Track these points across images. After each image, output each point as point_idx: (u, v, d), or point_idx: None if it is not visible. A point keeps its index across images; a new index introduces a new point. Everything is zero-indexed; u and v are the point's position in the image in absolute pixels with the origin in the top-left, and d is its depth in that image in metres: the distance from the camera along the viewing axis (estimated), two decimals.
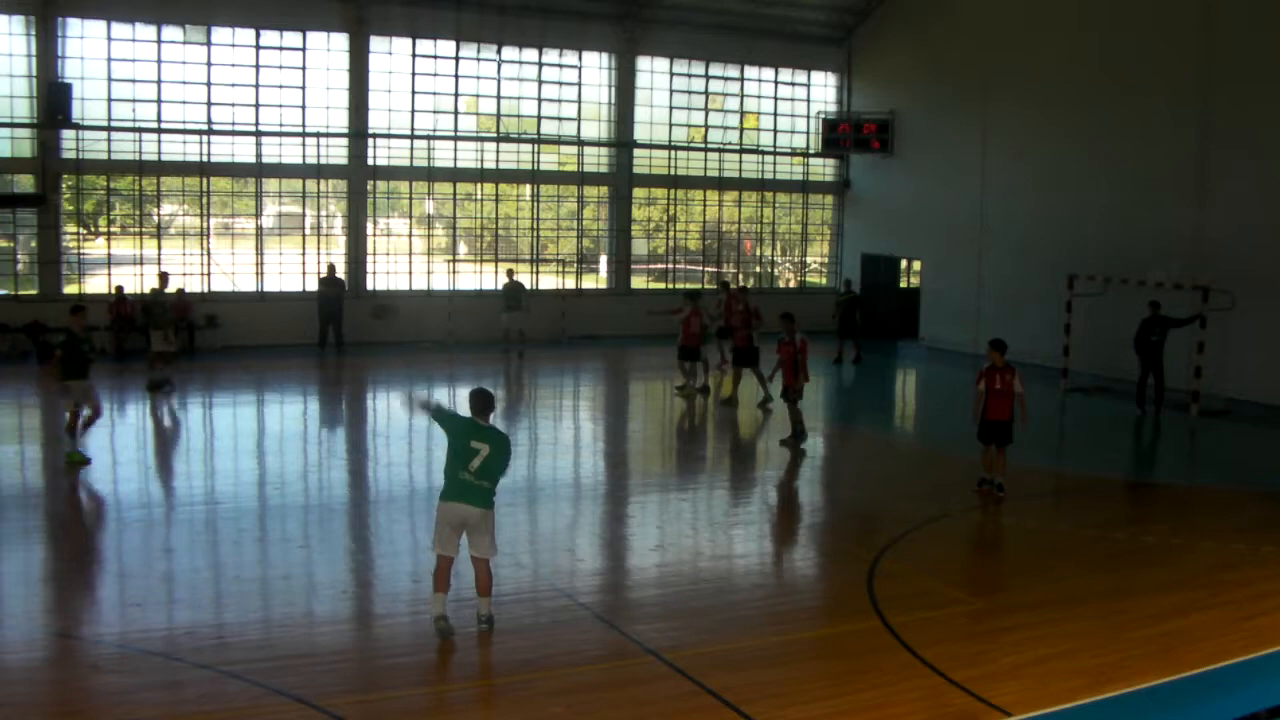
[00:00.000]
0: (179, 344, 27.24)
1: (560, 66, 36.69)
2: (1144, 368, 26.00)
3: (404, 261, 35.32)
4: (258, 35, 32.39)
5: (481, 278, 36.35)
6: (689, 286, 35.97)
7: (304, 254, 33.66)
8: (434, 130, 35.00)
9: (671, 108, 38.65)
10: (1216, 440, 24.56)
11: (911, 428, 27.53)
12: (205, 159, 32.17)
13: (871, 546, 15.25)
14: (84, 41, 30.80)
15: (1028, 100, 33.46)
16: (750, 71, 39.77)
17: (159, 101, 31.67)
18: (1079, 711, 10.35)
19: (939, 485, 19.58)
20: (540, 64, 36.30)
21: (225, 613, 12.53)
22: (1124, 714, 10.46)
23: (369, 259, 34.60)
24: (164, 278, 29.05)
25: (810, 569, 15.45)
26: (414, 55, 34.43)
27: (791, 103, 40.68)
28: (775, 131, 40.55)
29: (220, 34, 32.17)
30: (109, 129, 31.26)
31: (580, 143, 37.28)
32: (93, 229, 34.29)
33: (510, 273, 33.77)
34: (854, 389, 31.11)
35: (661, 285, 39.28)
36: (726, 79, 39.59)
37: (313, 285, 33.12)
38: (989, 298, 34.38)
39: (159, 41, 31.48)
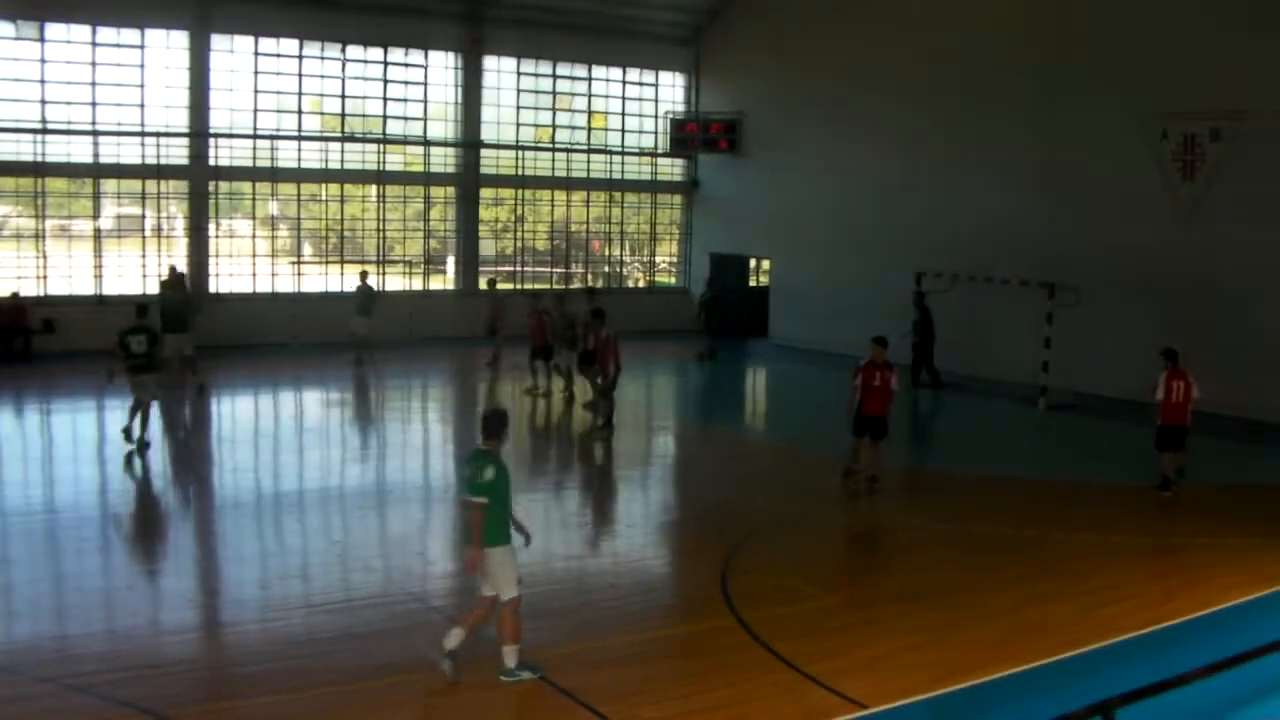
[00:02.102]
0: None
1: (406, 66, 36.39)
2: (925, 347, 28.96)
3: (248, 263, 34.69)
4: (94, 32, 31.52)
5: (328, 279, 35.92)
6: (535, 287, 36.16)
7: (144, 256, 32.83)
8: (277, 130, 34.46)
9: (519, 107, 38.58)
10: (1065, 434, 25.27)
11: (764, 426, 27.85)
12: (40, 159, 31.21)
13: (725, 544, 15.39)
14: None
15: (876, 100, 34.00)
16: (598, 71, 39.86)
17: None
18: (933, 702, 10.58)
19: (793, 482, 19.91)
20: (385, 63, 35.97)
21: (68, 624, 12.26)
22: (978, 704, 10.70)
23: (211, 261, 33.92)
24: (173, 271, 28.42)
25: (664, 568, 15.57)
26: (256, 54, 33.84)
27: (640, 102, 40.89)
28: (623, 131, 40.69)
29: (54, 30, 31.21)
30: None
31: (426, 143, 37.03)
32: None
33: (364, 275, 33.25)
34: (706, 388, 31.44)
35: (510, 286, 39.13)
36: (574, 79, 39.65)
37: (154, 288, 32.31)
38: (839, 295, 34.89)
39: None
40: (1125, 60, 27.71)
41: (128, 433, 19.75)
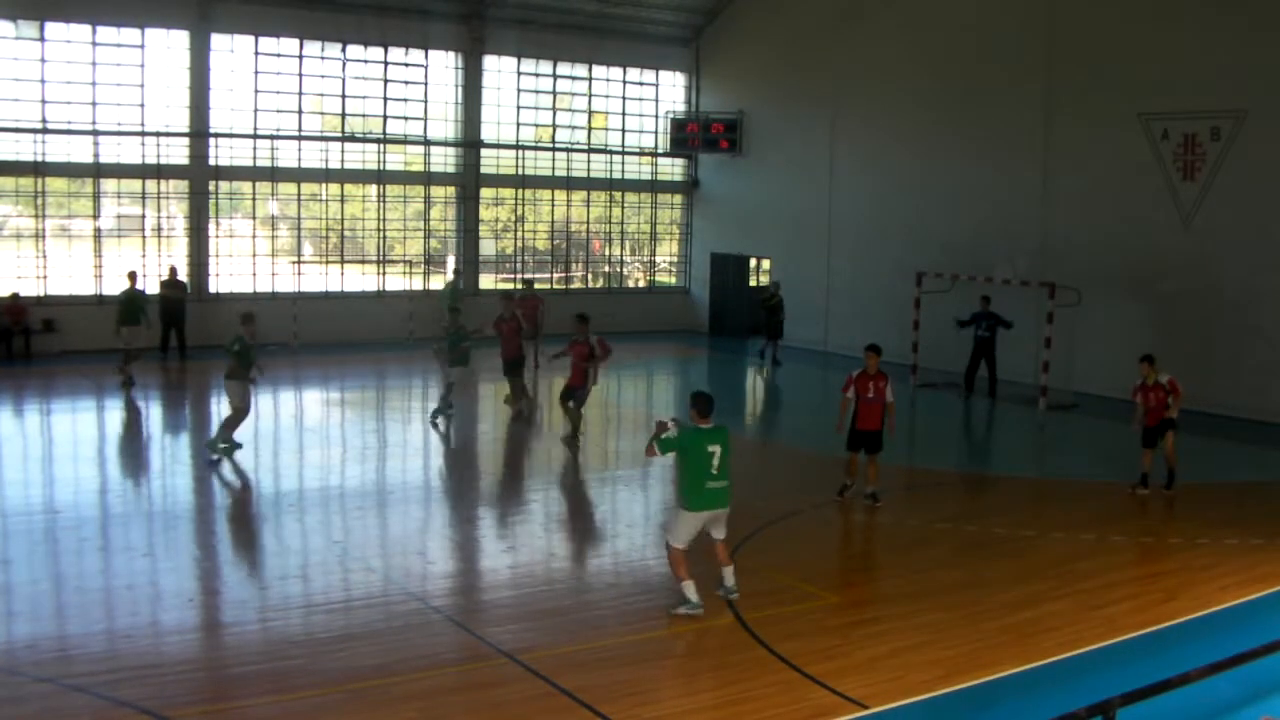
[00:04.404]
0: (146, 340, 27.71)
1: (406, 65, 36.38)
2: (974, 356, 28.13)
3: (248, 263, 34.67)
4: (94, 31, 31.50)
5: (328, 279, 35.91)
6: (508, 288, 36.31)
7: (144, 256, 32.78)
8: (278, 130, 34.43)
9: (519, 107, 38.57)
10: (1064, 433, 25.27)
11: (764, 425, 27.81)
12: (40, 159, 31.19)
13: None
14: None
15: (875, 100, 34.12)
16: (598, 71, 39.86)
17: None
18: (935, 703, 10.57)
19: (792, 482, 19.85)
20: (386, 63, 35.96)
21: (67, 624, 12.25)
22: (979, 704, 10.69)
23: (212, 261, 33.91)
24: (134, 276, 28.37)
25: (664, 567, 15.45)
26: (256, 53, 33.83)
27: (640, 102, 40.88)
28: (624, 131, 40.68)
29: (54, 30, 31.19)
30: None
31: (427, 143, 37.00)
32: None
33: (457, 272, 33.37)
34: (708, 389, 31.35)
35: (510, 285, 39.12)
36: (574, 79, 39.65)
37: (154, 288, 32.26)
38: (838, 295, 34.96)
39: None
40: (1125, 60, 27.69)
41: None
